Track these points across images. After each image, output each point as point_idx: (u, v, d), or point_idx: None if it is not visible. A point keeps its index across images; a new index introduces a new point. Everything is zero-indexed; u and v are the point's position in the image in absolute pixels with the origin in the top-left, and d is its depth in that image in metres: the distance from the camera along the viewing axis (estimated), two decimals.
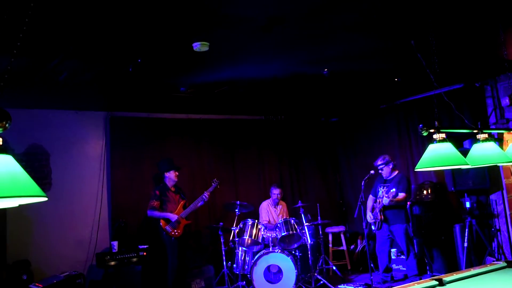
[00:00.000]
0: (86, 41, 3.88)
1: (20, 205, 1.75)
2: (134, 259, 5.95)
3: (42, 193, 1.54)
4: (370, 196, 6.56)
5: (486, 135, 3.14)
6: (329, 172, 8.71)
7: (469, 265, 5.68)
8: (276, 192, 6.95)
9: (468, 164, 2.89)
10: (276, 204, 7.03)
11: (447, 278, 2.91)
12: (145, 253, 6.02)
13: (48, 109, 6.29)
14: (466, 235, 5.90)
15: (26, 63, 4.21)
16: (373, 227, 6.37)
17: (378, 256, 6.52)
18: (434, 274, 6.06)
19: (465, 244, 5.88)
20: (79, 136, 6.56)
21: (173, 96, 6.15)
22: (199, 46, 4.06)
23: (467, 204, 6.12)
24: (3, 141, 1.56)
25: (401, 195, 6.02)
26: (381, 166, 6.31)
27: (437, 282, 2.83)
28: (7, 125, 1.56)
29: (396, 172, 6.36)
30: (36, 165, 6.14)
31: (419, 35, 4.14)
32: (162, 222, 6.01)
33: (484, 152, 3.09)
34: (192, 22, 3.61)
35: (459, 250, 6.15)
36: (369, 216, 6.37)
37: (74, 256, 6.18)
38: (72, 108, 6.42)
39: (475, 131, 3.18)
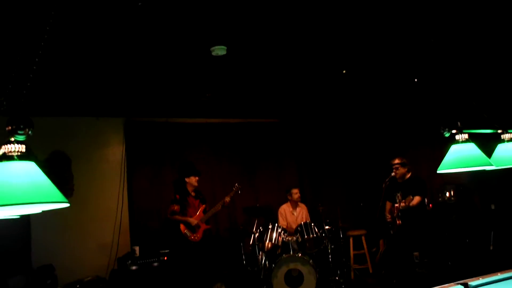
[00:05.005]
0: (105, 49, 3.94)
1: (43, 211, 1.77)
2: (155, 264, 5.97)
3: (64, 199, 1.55)
4: (387, 202, 6.41)
5: (511, 135, 3.06)
6: (349, 175, 8.62)
7: (496, 269, 5.54)
8: (294, 191, 6.88)
9: (492, 165, 2.82)
10: (295, 206, 6.98)
11: (473, 282, 2.84)
12: (166, 258, 6.04)
13: (69, 116, 6.38)
14: (491, 237, 5.76)
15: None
16: (391, 231, 6.25)
17: (396, 261, 6.40)
18: (459, 278, 5.93)
19: (491, 247, 5.74)
20: (100, 142, 6.65)
21: (191, 101, 6.18)
22: (217, 50, 4.07)
23: (492, 206, 5.98)
24: (26, 148, 1.58)
25: (417, 198, 5.86)
26: (397, 166, 6.14)
27: (462, 287, 2.76)
28: (29, 132, 1.58)
29: (410, 174, 6.20)
30: (58, 171, 6.23)
31: (438, 34, 4.08)
32: (181, 227, 6.03)
33: (509, 153, 3.02)
34: (210, 26, 3.62)
35: (485, 253, 6.01)
36: (387, 216, 6.26)
37: (96, 260, 6.25)
38: (92, 114, 6.51)
39: (499, 131, 3.10)
